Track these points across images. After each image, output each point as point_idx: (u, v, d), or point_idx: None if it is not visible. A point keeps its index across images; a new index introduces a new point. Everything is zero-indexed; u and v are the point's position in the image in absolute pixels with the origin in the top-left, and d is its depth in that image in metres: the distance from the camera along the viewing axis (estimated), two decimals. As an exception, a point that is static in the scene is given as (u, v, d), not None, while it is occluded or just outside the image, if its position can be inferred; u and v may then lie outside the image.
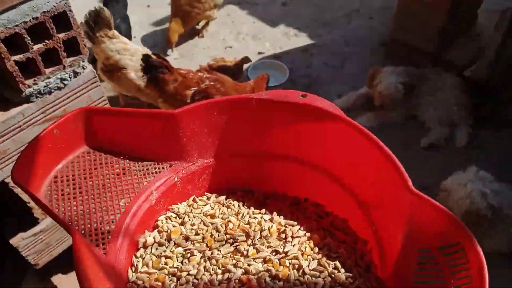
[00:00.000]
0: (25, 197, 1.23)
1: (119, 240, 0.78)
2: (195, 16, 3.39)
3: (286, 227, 0.87)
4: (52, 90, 1.13)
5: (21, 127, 1.12)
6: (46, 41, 1.05)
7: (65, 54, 1.10)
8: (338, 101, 3.15)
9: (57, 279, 1.69)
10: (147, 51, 2.94)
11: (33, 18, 1.00)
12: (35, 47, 1.04)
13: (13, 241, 1.30)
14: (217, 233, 0.84)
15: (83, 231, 0.76)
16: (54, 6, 1.02)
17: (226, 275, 0.76)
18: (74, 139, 0.87)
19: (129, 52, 2.79)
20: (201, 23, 3.70)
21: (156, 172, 0.88)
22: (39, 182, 0.80)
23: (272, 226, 0.86)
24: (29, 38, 1.01)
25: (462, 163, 2.32)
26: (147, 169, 0.88)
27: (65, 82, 1.14)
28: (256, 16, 3.88)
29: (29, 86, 1.07)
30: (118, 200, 0.83)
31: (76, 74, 1.15)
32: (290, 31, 3.75)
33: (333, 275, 0.76)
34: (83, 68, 1.16)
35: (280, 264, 0.78)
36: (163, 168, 0.89)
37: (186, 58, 3.51)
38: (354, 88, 3.24)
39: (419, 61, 3.13)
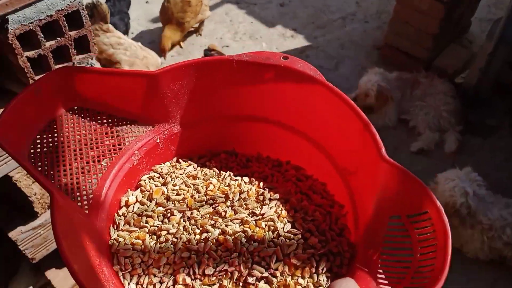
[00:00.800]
0: (27, 190, 1.26)
1: (101, 199, 0.80)
2: (189, 21, 3.41)
3: (264, 189, 0.88)
4: (61, 86, 1.16)
5: (30, 120, 1.15)
6: (58, 38, 1.09)
7: (75, 51, 1.14)
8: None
9: (51, 273, 1.72)
10: (141, 46, 2.99)
11: (47, 16, 1.03)
12: (47, 44, 1.07)
13: (12, 234, 1.33)
14: (198, 194, 0.86)
15: (65, 191, 0.77)
16: (68, 4, 1.05)
17: (204, 235, 0.78)
18: (55, 99, 0.86)
19: (123, 46, 2.83)
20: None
21: (138, 133, 0.89)
22: (21, 143, 0.79)
23: (251, 188, 0.88)
24: (42, 36, 1.05)
25: (450, 168, 2.40)
26: (130, 130, 0.89)
27: (74, 78, 1.17)
28: (254, 16, 3.93)
29: (39, 81, 1.11)
30: (101, 159, 0.83)
31: (84, 71, 1.19)
32: (287, 32, 3.81)
33: (306, 238, 0.79)
34: (91, 65, 1.20)
35: (256, 226, 0.80)
36: (145, 129, 0.90)
37: (183, 56, 3.55)
38: (348, 90, 3.31)
39: (412, 66, 3.21)
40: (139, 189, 0.89)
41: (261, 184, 0.90)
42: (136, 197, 0.87)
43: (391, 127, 3.08)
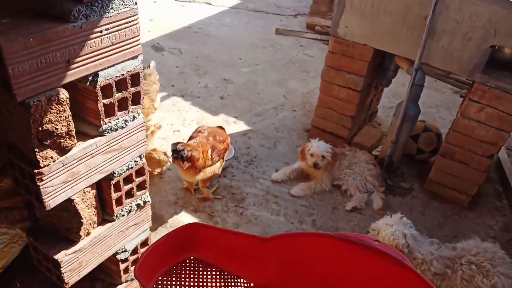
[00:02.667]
0: (82, 213, 1.51)
1: None
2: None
3: None
4: (118, 128, 1.52)
5: (92, 154, 1.46)
6: (123, 91, 1.48)
7: (131, 102, 1.53)
8: (276, 174, 3.75)
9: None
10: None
11: (121, 74, 1.44)
12: (117, 95, 1.46)
13: (57, 256, 1.53)
14: None
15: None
16: (134, 67, 1.47)
17: None
18: (180, 249, 1.06)
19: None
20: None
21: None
22: (151, 280, 0.98)
23: None
24: (115, 89, 1.43)
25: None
26: (233, 284, 1.04)
27: (127, 123, 1.54)
28: (199, 106, 4.51)
29: (106, 123, 1.46)
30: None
31: (134, 118, 1.56)
32: (230, 119, 4.40)
33: None
34: (138, 114, 1.58)
35: None
36: (246, 285, 1.03)
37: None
38: (286, 164, 3.91)
39: (336, 143, 3.92)
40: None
41: None
42: None
43: (327, 191, 3.66)
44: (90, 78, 1.36)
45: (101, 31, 1.32)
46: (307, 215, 3.42)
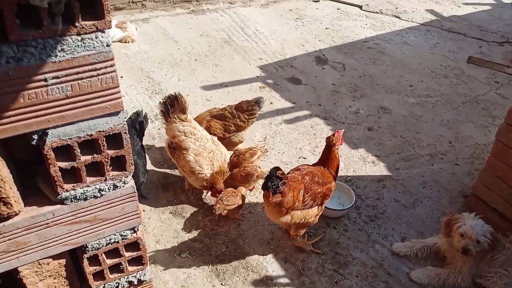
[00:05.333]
0: (31, 287, 1.22)
1: None
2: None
3: None
4: (88, 198, 1.15)
5: (49, 224, 1.13)
6: (95, 155, 1.08)
7: (110, 168, 1.13)
8: (400, 245, 2.89)
9: None
10: (215, 141, 3.04)
11: (87, 135, 1.04)
12: (83, 158, 1.07)
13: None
14: None
15: None
16: (111, 127, 1.05)
17: None
18: None
19: (195, 136, 2.92)
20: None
21: None
22: None
23: None
24: (79, 151, 1.05)
25: None
26: None
27: (102, 192, 1.15)
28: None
29: (67, 191, 1.10)
30: None
31: (115, 187, 1.16)
32: (369, 157, 3.64)
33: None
34: (124, 183, 1.17)
35: None
36: None
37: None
38: (421, 234, 2.98)
39: (500, 226, 2.80)
40: None
41: None
42: None
43: (462, 288, 2.65)
44: (35, 136, 0.99)
45: (45, 80, 0.93)
46: (419, 317, 2.53)
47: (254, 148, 3.16)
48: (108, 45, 0.94)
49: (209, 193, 3.15)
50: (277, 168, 2.45)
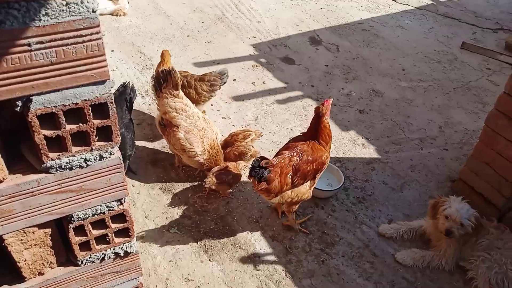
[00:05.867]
0: (16, 255, 1.21)
1: None
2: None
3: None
4: (73, 167, 1.13)
5: (33, 193, 1.11)
6: (81, 124, 1.06)
7: (96, 138, 1.11)
8: (386, 226, 2.92)
9: None
10: (206, 119, 3.01)
11: (72, 103, 1.01)
12: (68, 127, 1.05)
13: (-3, 293, 1.27)
14: None
15: None
16: (96, 96, 1.03)
17: None
18: None
19: (186, 113, 2.87)
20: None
21: None
22: None
23: None
24: (64, 119, 1.03)
25: None
26: None
27: (88, 162, 1.13)
28: (332, 118, 3.84)
29: (52, 159, 1.08)
30: None
31: (101, 158, 1.14)
32: (359, 140, 3.64)
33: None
34: (111, 154, 1.15)
35: None
36: None
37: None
38: (406, 217, 3.01)
39: (484, 211, 2.84)
40: None
41: None
42: None
43: (446, 270, 2.70)
44: (19, 103, 0.97)
45: (28, 44, 0.90)
46: (404, 296, 2.58)
47: (249, 131, 3.15)
48: (94, 11, 0.91)
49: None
50: (261, 158, 2.46)
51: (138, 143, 3.34)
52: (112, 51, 4.40)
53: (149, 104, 3.79)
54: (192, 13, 5.27)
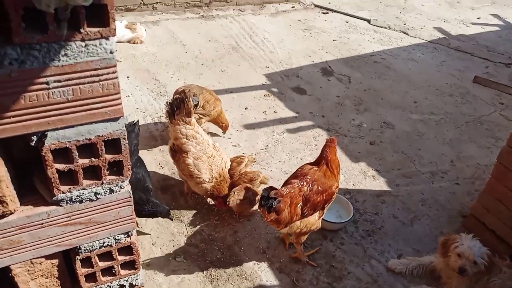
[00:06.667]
0: (23, 286, 1.21)
1: None
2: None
3: None
4: (84, 200, 1.15)
5: (43, 225, 1.13)
6: (93, 159, 1.08)
7: (107, 172, 1.13)
8: (395, 261, 2.87)
9: None
10: (216, 146, 3.04)
11: (86, 139, 1.04)
12: (80, 161, 1.07)
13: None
14: None
15: None
16: (110, 132, 1.06)
17: None
18: None
19: (196, 140, 2.91)
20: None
21: None
22: None
23: None
24: (77, 154, 1.05)
25: None
26: None
27: (98, 196, 1.15)
28: (341, 147, 3.84)
29: (63, 192, 1.10)
30: None
31: (111, 191, 1.16)
32: (369, 171, 3.62)
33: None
34: (121, 188, 1.17)
35: None
36: None
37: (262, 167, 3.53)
38: (417, 252, 2.96)
39: (497, 249, 2.78)
40: None
41: None
42: None
43: (457, 311, 2.62)
44: (34, 137, 1.00)
45: (46, 83, 0.93)
46: (408, 337, 2.50)
47: (242, 157, 3.17)
48: (111, 52, 0.94)
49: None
50: (270, 188, 2.47)
51: (148, 168, 3.37)
52: (128, 77, 4.50)
53: (162, 131, 3.83)
54: (207, 43, 5.38)
